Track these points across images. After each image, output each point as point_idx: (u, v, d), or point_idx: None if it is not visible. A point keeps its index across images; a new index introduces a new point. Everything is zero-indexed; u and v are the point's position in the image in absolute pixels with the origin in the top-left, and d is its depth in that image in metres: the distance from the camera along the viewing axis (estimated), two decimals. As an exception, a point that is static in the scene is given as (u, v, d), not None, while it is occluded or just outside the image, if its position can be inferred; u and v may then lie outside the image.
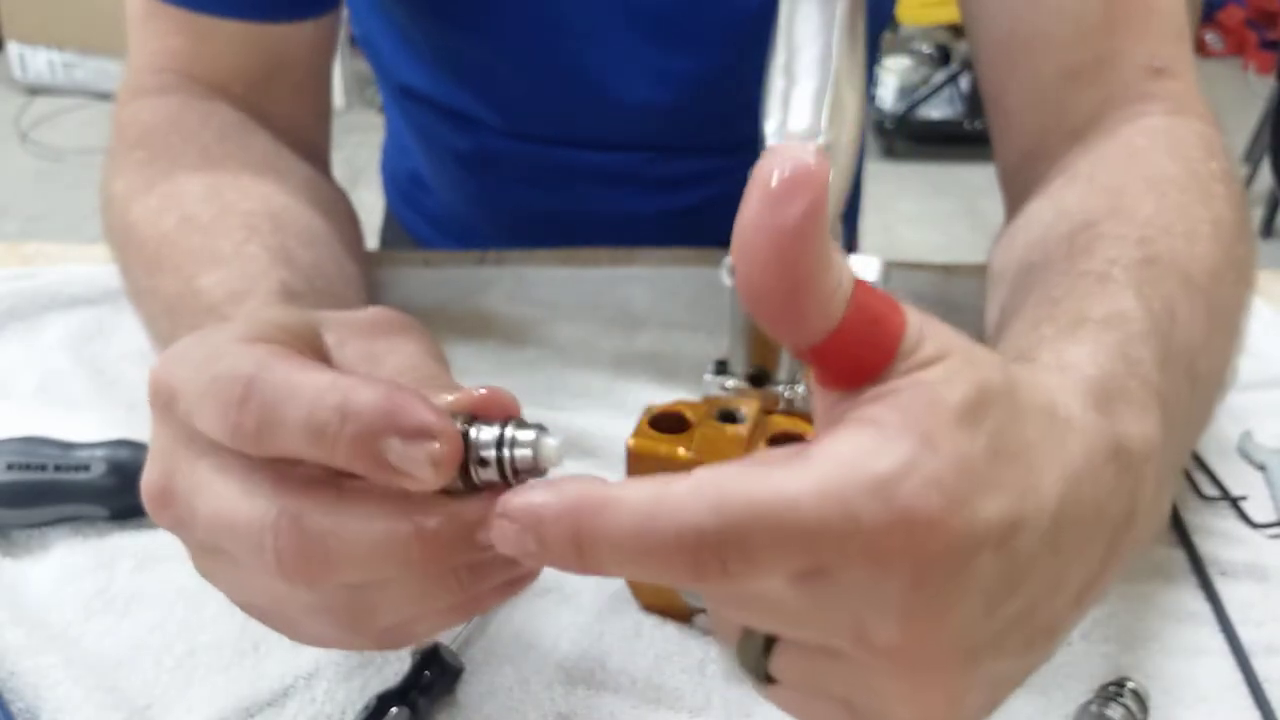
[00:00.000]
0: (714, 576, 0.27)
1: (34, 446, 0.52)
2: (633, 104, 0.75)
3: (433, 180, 0.88)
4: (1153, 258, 0.45)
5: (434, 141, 0.84)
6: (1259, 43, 3.87)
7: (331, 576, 0.31)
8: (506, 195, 0.84)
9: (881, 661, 0.29)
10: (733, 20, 0.72)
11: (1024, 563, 0.29)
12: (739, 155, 0.81)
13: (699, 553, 0.26)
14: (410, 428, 0.30)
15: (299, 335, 0.35)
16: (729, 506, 0.26)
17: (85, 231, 2.61)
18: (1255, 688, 0.47)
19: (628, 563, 0.27)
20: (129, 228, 0.55)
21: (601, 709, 0.45)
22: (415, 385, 0.33)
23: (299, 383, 0.30)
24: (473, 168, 0.83)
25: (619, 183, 0.81)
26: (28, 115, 3.19)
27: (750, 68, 0.49)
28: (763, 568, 0.27)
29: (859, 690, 0.30)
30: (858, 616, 0.28)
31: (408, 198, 0.93)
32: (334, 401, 0.30)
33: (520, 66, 0.75)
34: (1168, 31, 0.59)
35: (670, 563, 0.27)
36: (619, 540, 0.27)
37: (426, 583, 0.33)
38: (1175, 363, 0.41)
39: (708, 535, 0.26)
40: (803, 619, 0.29)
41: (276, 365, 0.31)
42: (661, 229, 0.82)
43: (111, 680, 0.45)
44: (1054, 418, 0.32)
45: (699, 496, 0.27)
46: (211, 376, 0.31)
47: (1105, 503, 0.32)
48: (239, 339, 0.33)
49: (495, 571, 0.34)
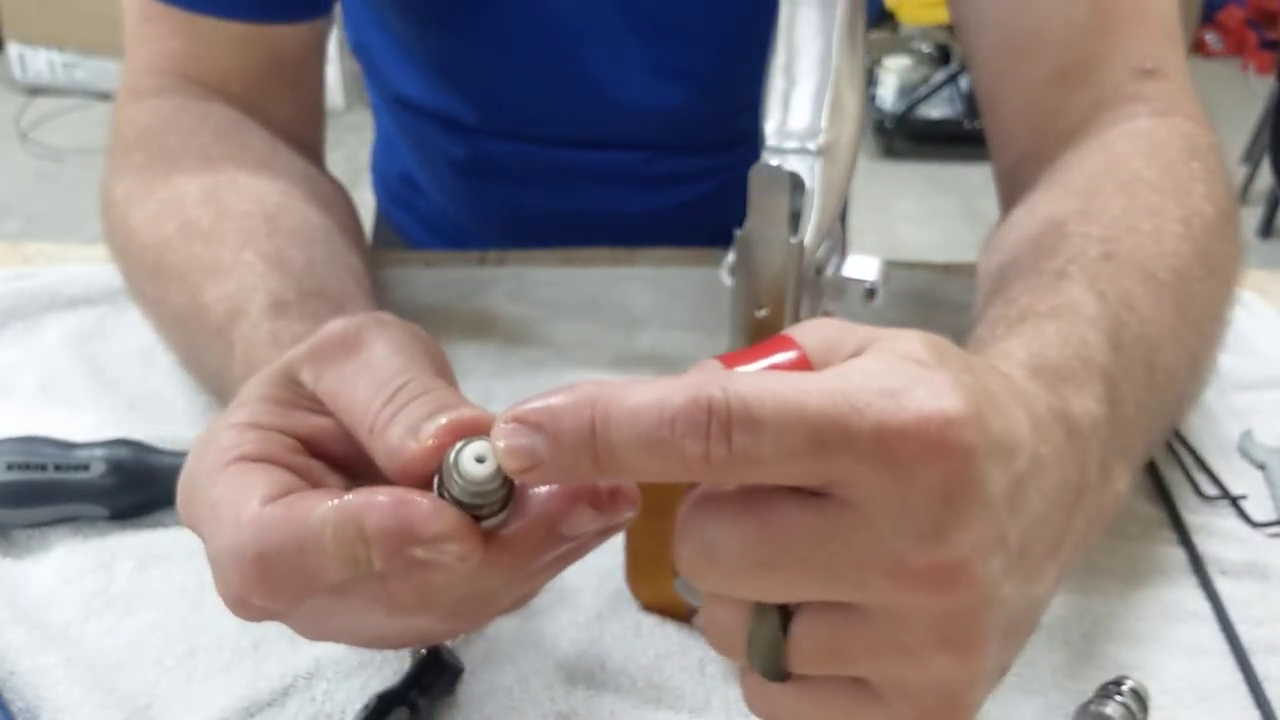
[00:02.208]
0: (721, 457, 0.26)
1: (34, 446, 0.52)
2: (631, 104, 0.75)
3: (425, 183, 0.88)
4: (1111, 253, 0.46)
5: (428, 148, 0.84)
6: (1259, 43, 3.87)
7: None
8: (503, 197, 0.84)
9: (910, 600, 0.28)
10: (730, 20, 0.72)
11: (1020, 489, 0.29)
12: (737, 151, 0.81)
13: (709, 425, 0.26)
14: (427, 537, 0.31)
15: (282, 404, 0.37)
16: (737, 384, 0.27)
17: (85, 231, 2.61)
18: (1255, 687, 0.47)
19: (640, 444, 0.27)
20: (130, 232, 0.56)
21: (601, 709, 0.45)
22: (390, 406, 0.34)
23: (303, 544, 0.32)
24: (467, 172, 0.83)
25: (616, 182, 0.81)
26: (28, 115, 3.19)
27: (748, 67, 0.49)
28: (770, 452, 0.26)
29: (885, 656, 0.29)
30: (885, 545, 0.27)
31: (398, 198, 0.93)
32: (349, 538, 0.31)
33: (517, 69, 0.75)
34: (1159, 31, 0.59)
35: (680, 442, 0.26)
36: (633, 417, 0.27)
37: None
38: (1130, 350, 0.41)
39: (717, 404, 0.26)
40: (827, 559, 0.28)
41: (274, 534, 0.33)
42: (659, 226, 0.82)
43: (111, 680, 0.45)
44: (1005, 376, 0.33)
45: (709, 376, 0.27)
46: (226, 559, 0.34)
47: (1059, 462, 0.32)
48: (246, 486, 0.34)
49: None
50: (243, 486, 0.34)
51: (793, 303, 0.41)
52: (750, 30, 0.65)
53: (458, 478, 0.31)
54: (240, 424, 0.36)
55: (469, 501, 0.31)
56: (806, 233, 0.41)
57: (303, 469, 0.36)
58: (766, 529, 0.28)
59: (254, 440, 0.36)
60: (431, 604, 0.33)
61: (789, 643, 0.30)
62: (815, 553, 0.28)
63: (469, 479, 0.31)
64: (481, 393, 0.62)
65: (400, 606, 0.33)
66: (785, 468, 0.27)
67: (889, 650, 0.29)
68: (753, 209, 0.40)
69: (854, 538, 0.27)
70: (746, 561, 0.29)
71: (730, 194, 0.27)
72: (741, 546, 0.29)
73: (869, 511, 0.27)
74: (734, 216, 0.42)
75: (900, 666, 0.29)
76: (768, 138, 0.43)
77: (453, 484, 0.31)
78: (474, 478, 0.31)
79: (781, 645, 0.30)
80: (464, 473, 0.31)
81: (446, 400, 0.34)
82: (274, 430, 0.36)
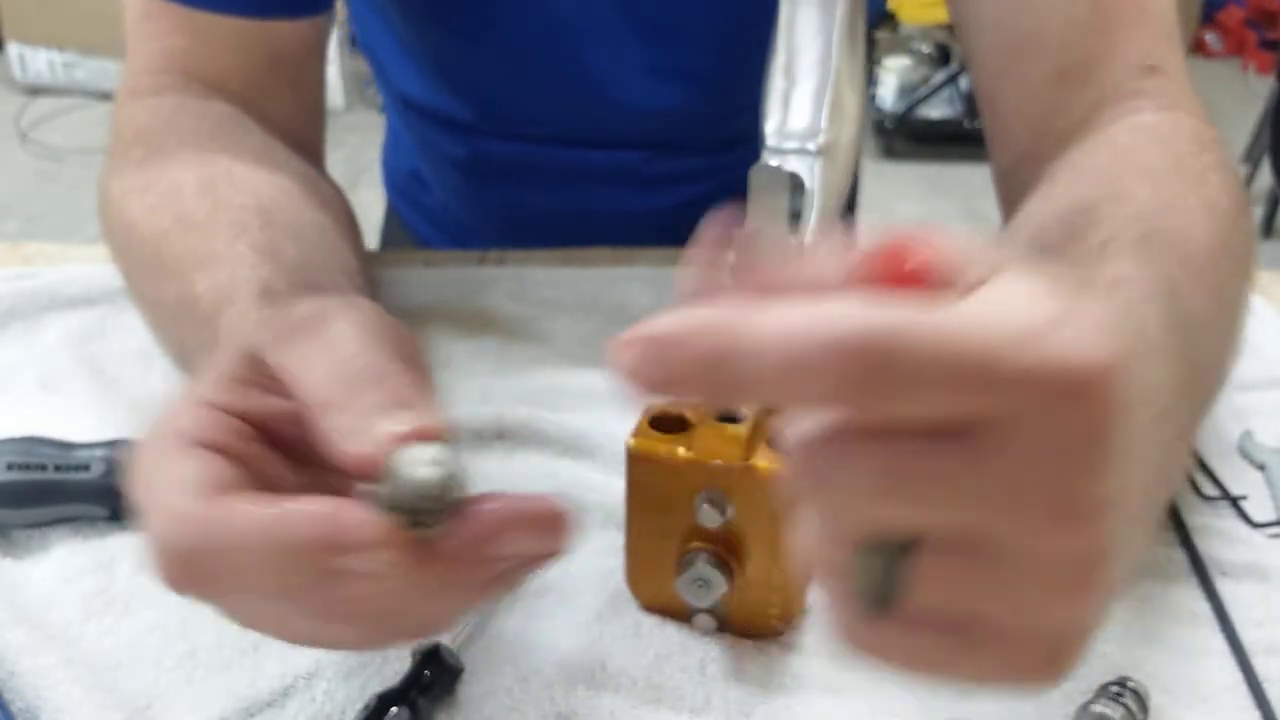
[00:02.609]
0: (867, 390, 0.25)
1: (33, 446, 0.52)
2: (631, 104, 0.75)
3: (430, 180, 0.89)
4: (1150, 234, 0.44)
5: (431, 148, 0.84)
6: (1259, 43, 3.87)
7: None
8: (504, 197, 0.84)
9: (1042, 541, 0.27)
10: (730, 20, 0.72)
11: (1146, 437, 0.28)
12: (737, 150, 0.81)
13: (855, 358, 0.24)
14: (354, 546, 0.32)
15: (243, 383, 0.38)
16: (883, 312, 0.25)
17: (85, 231, 2.61)
18: (1255, 688, 0.47)
19: (774, 367, 0.25)
20: (129, 228, 0.56)
21: (601, 709, 0.45)
22: (344, 389, 0.35)
23: (230, 548, 0.33)
24: (470, 172, 0.83)
25: (617, 181, 0.81)
26: (28, 115, 3.19)
27: (748, 67, 0.49)
28: (916, 388, 0.25)
29: (1007, 595, 0.28)
30: (1026, 484, 0.26)
31: (406, 194, 0.93)
32: (274, 551, 0.32)
33: (517, 68, 0.75)
34: (1159, 30, 0.59)
35: (824, 371, 0.24)
36: (774, 342, 0.25)
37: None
38: (1178, 332, 0.39)
39: (859, 335, 0.24)
40: (964, 496, 0.27)
41: (202, 535, 0.33)
42: (659, 225, 0.81)
43: (111, 680, 0.45)
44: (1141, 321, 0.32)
45: (851, 304, 0.25)
46: (156, 546, 0.34)
47: (1173, 419, 0.31)
48: (182, 476, 0.34)
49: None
50: (181, 475, 0.34)
51: None
52: (750, 30, 0.65)
53: (403, 481, 0.31)
54: (196, 402, 0.37)
55: (412, 506, 0.31)
56: (807, 233, 0.41)
57: (250, 457, 0.36)
58: (903, 464, 0.27)
59: (205, 423, 0.36)
60: (353, 615, 0.34)
61: (910, 577, 0.29)
62: (951, 489, 0.27)
63: (416, 484, 0.31)
64: (481, 392, 0.62)
65: (322, 615, 0.34)
66: (929, 404, 0.25)
67: (1012, 589, 0.28)
68: (753, 209, 0.40)
69: (995, 476, 0.26)
70: (877, 495, 0.27)
71: (730, 194, 0.26)
72: (874, 481, 0.27)
73: (1013, 450, 0.26)
74: None
75: (1020, 607, 0.28)
76: (767, 138, 0.43)
77: (398, 486, 0.31)
78: (421, 483, 0.31)
79: (895, 578, 0.29)
80: (410, 478, 0.31)
81: (400, 390, 0.35)
82: (229, 411, 0.37)
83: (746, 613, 0.47)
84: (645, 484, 0.46)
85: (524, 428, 0.58)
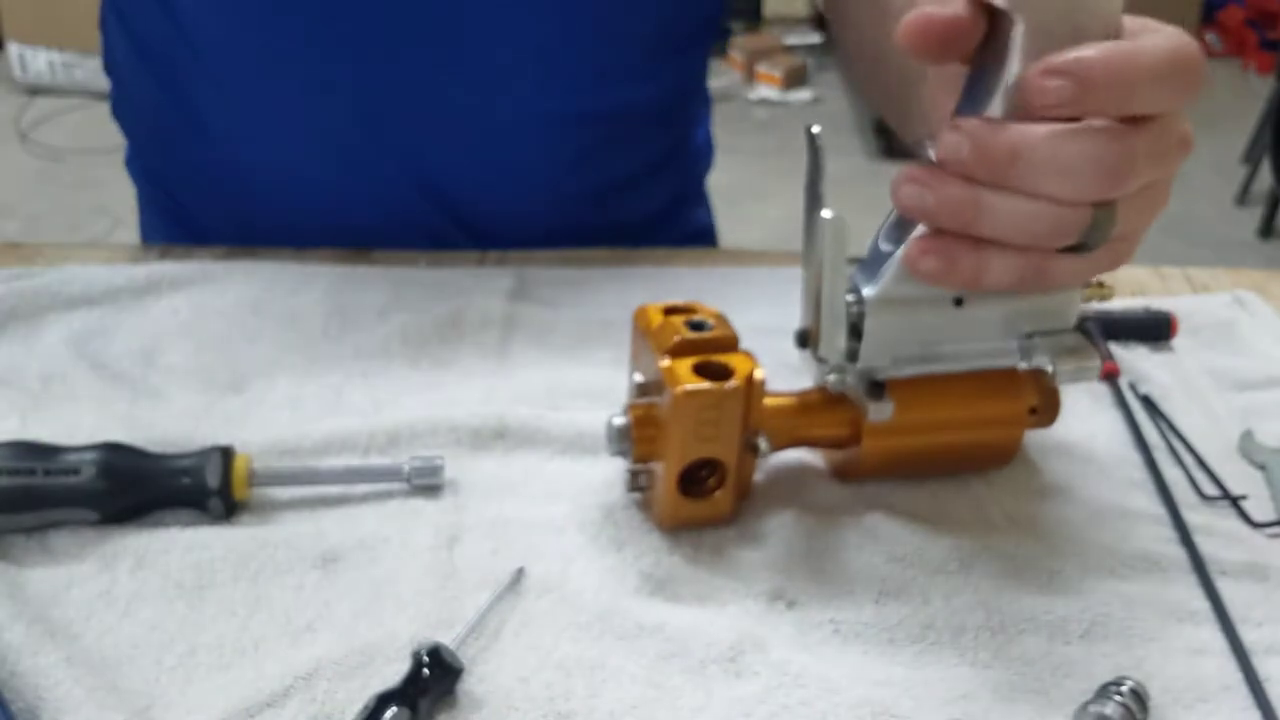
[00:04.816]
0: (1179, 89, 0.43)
1: (20, 451, 0.51)
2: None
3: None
4: None
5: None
6: (1259, 43, 3.87)
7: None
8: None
9: (1180, 157, 0.45)
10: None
11: None
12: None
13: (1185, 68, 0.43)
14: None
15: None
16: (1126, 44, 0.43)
17: (85, 231, 2.61)
18: (1255, 688, 0.47)
19: (1154, 82, 0.42)
20: None
21: (601, 709, 0.45)
22: None
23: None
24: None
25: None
26: (28, 115, 3.19)
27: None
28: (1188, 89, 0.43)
29: (1149, 215, 0.46)
30: (1177, 132, 0.44)
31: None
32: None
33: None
34: None
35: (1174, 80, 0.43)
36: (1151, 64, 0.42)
37: None
38: None
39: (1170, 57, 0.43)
40: (1160, 157, 0.44)
41: None
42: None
43: (111, 680, 0.45)
44: None
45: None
46: None
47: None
48: None
49: None
50: None
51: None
52: None
53: None
54: None
55: None
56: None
57: None
58: (1129, 146, 0.42)
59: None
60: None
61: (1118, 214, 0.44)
62: (1149, 159, 0.43)
63: None
64: (482, 392, 0.62)
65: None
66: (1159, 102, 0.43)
67: (1150, 211, 0.47)
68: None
69: (1170, 135, 0.44)
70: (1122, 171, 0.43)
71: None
72: (1115, 161, 0.42)
73: (1170, 115, 0.44)
74: None
75: (1145, 222, 0.47)
76: None
77: None
78: None
79: (1114, 221, 0.44)
80: None
81: None
82: None
83: None
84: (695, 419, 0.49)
85: (524, 428, 0.59)
